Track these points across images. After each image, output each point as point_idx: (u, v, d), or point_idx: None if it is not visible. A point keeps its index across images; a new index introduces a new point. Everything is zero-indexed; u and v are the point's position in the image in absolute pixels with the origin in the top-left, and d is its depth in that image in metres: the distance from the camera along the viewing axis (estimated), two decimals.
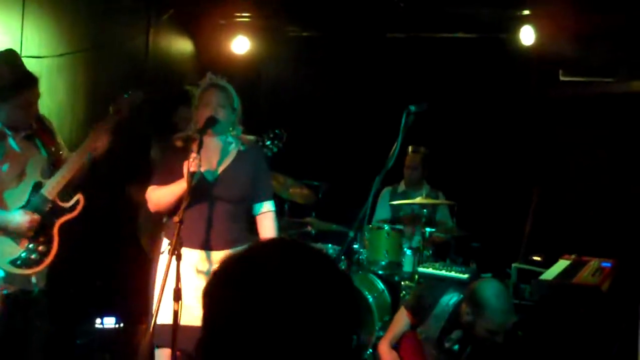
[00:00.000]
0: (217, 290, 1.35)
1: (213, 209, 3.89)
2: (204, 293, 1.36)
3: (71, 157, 3.86)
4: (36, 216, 3.71)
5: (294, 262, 1.35)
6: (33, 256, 3.74)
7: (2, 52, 3.97)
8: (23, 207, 3.72)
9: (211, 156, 3.95)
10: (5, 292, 3.67)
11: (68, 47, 5.40)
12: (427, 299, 4.23)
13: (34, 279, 3.80)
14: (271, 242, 1.43)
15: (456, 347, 4.00)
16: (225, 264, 1.37)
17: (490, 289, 3.83)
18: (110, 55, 5.81)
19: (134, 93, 4.13)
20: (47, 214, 3.78)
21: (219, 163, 3.98)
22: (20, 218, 3.67)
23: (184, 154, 3.86)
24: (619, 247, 5.21)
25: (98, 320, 5.05)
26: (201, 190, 3.81)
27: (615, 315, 4.17)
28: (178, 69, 6.91)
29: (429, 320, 4.14)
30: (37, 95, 3.77)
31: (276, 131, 4.92)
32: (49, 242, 3.79)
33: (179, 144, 3.96)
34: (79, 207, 3.88)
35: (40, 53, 5.14)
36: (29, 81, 3.71)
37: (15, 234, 3.69)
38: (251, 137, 4.14)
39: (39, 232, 3.75)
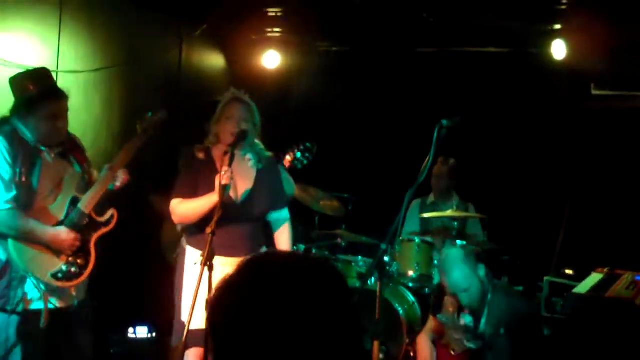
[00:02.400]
0: (220, 300, 1.42)
1: (240, 226, 3.97)
2: (209, 303, 1.43)
3: (103, 173, 3.94)
4: (78, 235, 3.80)
5: (292, 273, 1.41)
6: (73, 269, 3.81)
7: (34, 69, 4.11)
8: (62, 222, 3.80)
9: (235, 177, 4.01)
10: (50, 305, 3.73)
11: (103, 62, 5.51)
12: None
13: (74, 292, 3.88)
14: (272, 254, 1.52)
15: (469, 319, 4.18)
16: (227, 279, 1.44)
17: (450, 256, 4.24)
18: (144, 70, 5.91)
19: (159, 112, 4.19)
20: (84, 228, 3.86)
21: (245, 183, 4.06)
22: (64, 235, 3.76)
23: (207, 166, 3.94)
24: None
25: (131, 330, 5.11)
26: (229, 210, 3.87)
27: None
28: (210, 83, 6.99)
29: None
30: (63, 109, 3.82)
31: (307, 144, 4.96)
32: (87, 256, 3.86)
33: (200, 155, 4.02)
34: (114, 221, 3.97)
35: (76, 68, 5.25)
36: (54, 93, 3.79)
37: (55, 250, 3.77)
38: (268, 153, 4.19)
39: (78, 247, 3.83)
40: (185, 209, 4.00)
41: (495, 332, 4.05)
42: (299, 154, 4.92)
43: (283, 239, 4.20)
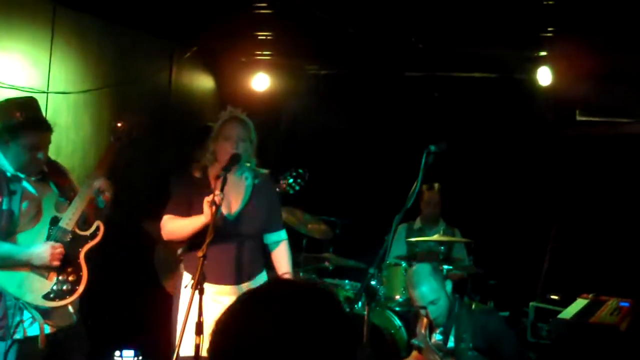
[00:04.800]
0: (224, 331, 1.42)
1: (235, 245, 3.95)
2: (213, 331, 1.44)
3: (82, 188, 3.86)
4: (57, 244, 3.71)
5: (296, 302, 1.42)
6: (65, 287, 3.75)
7: (22, 97, 4.12)
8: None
9: (230, 193, 3.99)
10: (46, 331, 3.67)
11: (94, 83, 5.53)
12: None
13: (70, 309, 3.83)
14: (276, 283, 1.53)
15: (439, 337, 4.27)
16: (231, 307, 1.45)
17: (413, 271, 4.40)
18: (134, 91, 5.93)
19: (131, 118, 4.12)
20: (69, 244, 3.78)
21: (239, 200, 4.03)
22: (41, 248, 3.67)
23: (201, 185, 3.94)
24: (637, 286, 5.20)
25: (117, 353, 5.08)
26: (222, 227, 3.86)
27: (633, 355, 4.15)
28: (199, 105, 7.02)
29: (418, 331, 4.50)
30: (45, 141, 3.79)
31: (299, 170, 5.02)
32: (77, 271, 3.79)
33: (197, 174, 4.02)
34: (100, 234, 3.87)
35: (66, 89, 5.27)
36: (40, 124, 3.76)
37: (42, 268, 3.70)
38: (263, 170, 4.18)
39: (66, 263, 3.75)
40: (173, 226, 3.98)
41: (465, 347, 4.13)
42: (290, 180, 5.00)
43: (282, 262, 4.15)
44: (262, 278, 4.08)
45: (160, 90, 6.42)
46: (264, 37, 6.38)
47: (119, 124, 4.06)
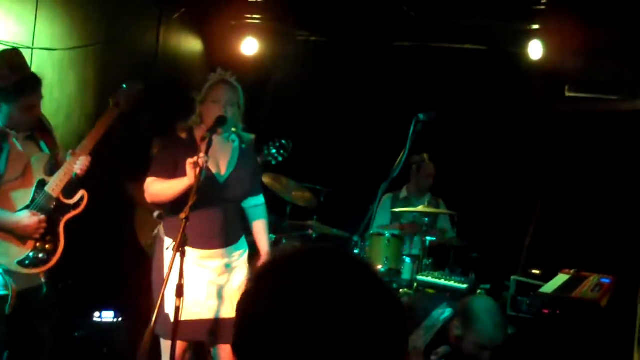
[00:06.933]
0: (254, 297, 1.30)
1: (222, 208, 3.91)
2: (241, 298, 1.31)
3: (69, 157, 3.82)
4: (43, 217, 3.69)
5: (330, 269, 1.28)
6: (40, 255, 3.73)
7: (6, 51, 3.90)
8: (28, 206, 3.70)
9: (218, 157, 3.96)
10: (15, 287, 3.64)
11: (79, 40, 5.43)
12: (419, 309, 4.25)
13: (43, 278, 3.80)
14: (308, 249, 1.36)
15: None
16: (262, 272, 1.31)
17: (481, 304, 3.86)
18: (120, 51, 5.84)
19: (133, 84, 4.07)
20: (52, 212, 3.76)
21: (227, 164, 4.00)
22: (27, 220, 3.65)
23: (188, 146, 3.87)
24: (619, 263, 5.23)
25: (96, 314, 5.06)
26: (209, 191, 3.81)
27: (613, 331, 4.18)
28: (186, 68, 6.94)
29: (418, 330, 4.16)
30: (40, 97, 3.73)
31: (282, 141, 4.99)
32: (55, 240, 3.77)
33: (183, 135, 3.95)
34: (84, 204, 3.86)
35: (52, 45, 5.17)
36: (33, 84, 3.67)
37: (22, 235, 3.68)
38: (249, 135, 4.12)
39: (46, 232, 3.74)
40: (157, 188, 3.89)
41: None
42: (273, 150, 4.98)
43: (262, 226, 4.23)
44: (243, 241, 4.08)
45: (147, 51, 6.32)
46: (254, 0, 6.30)
47: (124, 89, 4.00)
